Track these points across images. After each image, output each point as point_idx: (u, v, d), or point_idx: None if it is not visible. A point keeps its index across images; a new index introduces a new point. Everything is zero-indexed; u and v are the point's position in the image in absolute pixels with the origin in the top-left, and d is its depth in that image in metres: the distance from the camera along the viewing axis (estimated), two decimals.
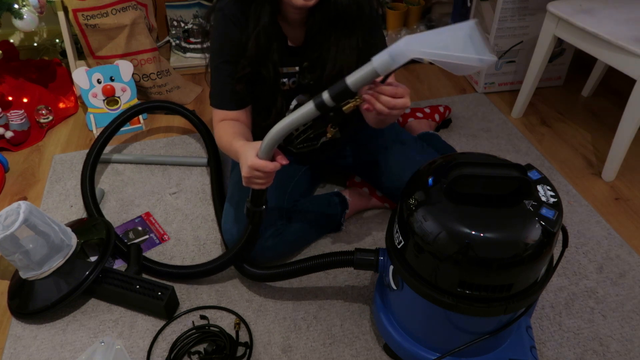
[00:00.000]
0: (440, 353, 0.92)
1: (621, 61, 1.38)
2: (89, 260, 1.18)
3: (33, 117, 1.79)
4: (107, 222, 1.30)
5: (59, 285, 1.14)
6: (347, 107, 0.85)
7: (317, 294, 1.21)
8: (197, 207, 1.46)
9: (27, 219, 1.08)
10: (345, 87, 0.79)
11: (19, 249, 1.09)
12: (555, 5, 1.55)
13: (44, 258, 1.13)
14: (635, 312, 1.15)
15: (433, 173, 0.85)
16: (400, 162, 1.28)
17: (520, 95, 1.79)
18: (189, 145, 1.72)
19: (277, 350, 1.09)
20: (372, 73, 0.76)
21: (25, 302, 1.15)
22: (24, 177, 1.61)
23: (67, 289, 1.14)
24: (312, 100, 0.82)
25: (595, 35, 1.41)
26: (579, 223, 1.39)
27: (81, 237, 1.22)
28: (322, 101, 0.81)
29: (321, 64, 1.09)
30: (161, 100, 1.84)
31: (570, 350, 1.08)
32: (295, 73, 1.15)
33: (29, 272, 1.14)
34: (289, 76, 1.15)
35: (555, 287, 1.21)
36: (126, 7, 1.78)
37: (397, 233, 0.87)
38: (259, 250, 1.17)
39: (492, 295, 0.79)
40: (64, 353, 1.10)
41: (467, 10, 1.99)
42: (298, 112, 0.84)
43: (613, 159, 1.50)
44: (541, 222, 0.76)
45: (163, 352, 1.09)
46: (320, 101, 0.81)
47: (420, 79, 2.08)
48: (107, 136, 1.52)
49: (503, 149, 1.68)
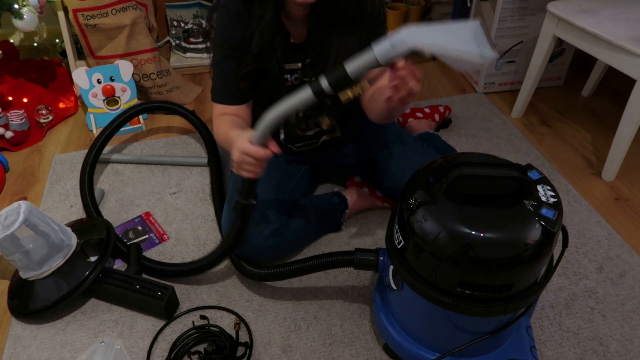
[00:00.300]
0: (440, 353, 0.92)
1: (621, 61, 1.38)
2: (89, 260, 1.18)
3: (33, 117, 1.79)
4: (107, 222, 1.30)
5: (59, 285, 1.14)
6: (345, 97, 0.81)
7: (317, 294, 1.21)
8: (197, 207, 1.46)
9: (27, 219, 1.08)
10: (344, 73, 0.77)
11: (19, 249, 1.09)
12: (555, 5, 1.55)
13: (44, 258, 1.13)
14: (635, 312, 1.15)
15: (433, 173, 0.85)
16: (400, 162, 1.28)
17: (520, 95, 1.79)
18: (189, 145, 1.72)
19: (277, 350, 1.09)
20: (372, 60, 0.74)
21: (25, 302, 1.15)
22: (24, 177, 1.62)
23: (67, 289, 1.14)
24: (309, 85, 0.80)
25: (595, 35, 1.41)
26: (579, 223, 1.39)
27: (81, 237, 1.22)
28: (319, 87, 0.79)
29: (323, 60, 1.10)
30: (161, 100, 1.85)
31: (570, 350, 1.08)
32: (297, 69, 1.15)
33: (29, 272, 1.14)
34: (292, 72, 1.15)
35: (555, 287, 1.21)
36: (126, 7, 1.78)
37: (397, 233, 0.87)
38: (259, 249, 1.17)
39: (492, 295, 0.79)
40: (64, 353, 1.10)
41: (467, 10, 1.99)
42: (294, 98, 0.81)
43: (613, 159, 1.50)
44: (541, 222, 0.76)
45: (163, 352, 1.09)
46: (318, 87, 0.79)
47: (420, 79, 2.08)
48: (106, 137, 1.52)
49: (503, 149, 1.68)
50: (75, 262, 1.17)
